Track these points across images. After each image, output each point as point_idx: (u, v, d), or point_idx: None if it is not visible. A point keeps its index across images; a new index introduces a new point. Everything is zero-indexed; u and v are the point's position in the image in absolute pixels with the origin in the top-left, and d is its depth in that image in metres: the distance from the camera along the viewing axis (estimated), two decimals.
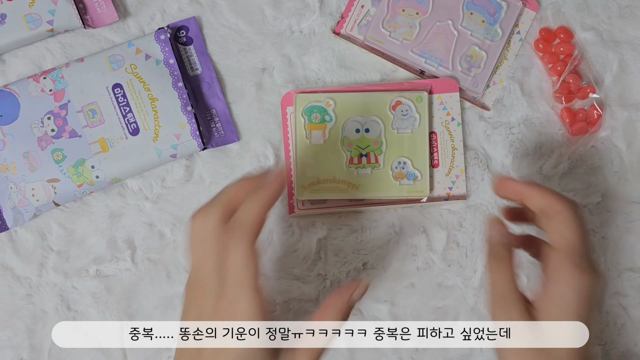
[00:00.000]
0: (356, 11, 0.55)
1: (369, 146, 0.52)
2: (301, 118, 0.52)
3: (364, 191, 0.52)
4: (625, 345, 0.55)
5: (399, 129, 0.52)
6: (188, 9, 0.54)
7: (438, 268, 0.55)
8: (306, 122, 0.52)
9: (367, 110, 0.52)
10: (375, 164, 0.52)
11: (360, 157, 0.52)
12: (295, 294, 0.54)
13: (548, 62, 0.56)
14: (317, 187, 0.52)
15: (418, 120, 0.52)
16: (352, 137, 0.52)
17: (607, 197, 0.56)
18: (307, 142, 0.52)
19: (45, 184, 0.50)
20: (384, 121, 0.52)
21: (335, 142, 0.52)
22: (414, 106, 0.52)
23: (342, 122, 0.52)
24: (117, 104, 0.51)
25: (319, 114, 0.52)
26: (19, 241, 0.52)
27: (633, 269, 0.56)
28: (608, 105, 0.56)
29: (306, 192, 0.52)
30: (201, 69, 0.54)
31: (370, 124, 0.52)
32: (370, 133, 0.52)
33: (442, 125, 0.53)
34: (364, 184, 0.52)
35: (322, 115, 0.52)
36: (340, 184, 0.52)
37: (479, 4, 0.54)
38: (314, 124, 0.52)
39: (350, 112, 0.52)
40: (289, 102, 0.53)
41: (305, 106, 0.52)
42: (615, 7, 0.57)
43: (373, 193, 0.52)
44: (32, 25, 0.51)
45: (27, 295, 0.52)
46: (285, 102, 0.53)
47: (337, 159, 0.52)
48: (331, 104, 0.52)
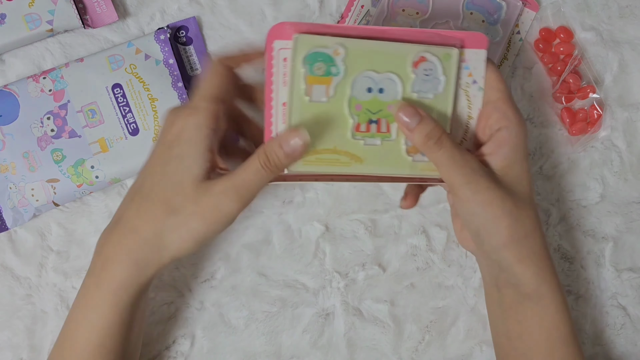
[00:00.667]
0: (356, 11, 0.55)
1: (381, 110, 0.42)
2: (301, 68, 0.40)
3: (370, 166, 0.43)
4: (625, 346, 0.55)
5: (419, 91, 0.42)
6: (188, 9, 0.54)
7: (438, 268, 0.55)
8: (307, 73, 0.41)
9: (384, 64, 0.42)
10: (387, 133, 0.42)
11: (369, 123, 0.42)
12: (296, 294, 0.54)
13: (548, 62, 0.56)
14: (313, 158, 0.42)
15: (443, 83, 0.43)
16: (362, 97, 0.42)
17: (607, 197, 0.56)
18: (306, 99, 0.41)
19: (45, 184, 0.50)
20: (403, 80, 0.42)
21: (340, 103, 0.42)
22: (441, 66, 0.42)
23: (352, 78, 0.41)
24: (117, 104, 0.51)
25: (323, 63, 0.41)
26: (18, 241, 0.52)
27: (633, 269, 0.56)
28: (608, 105, 0.56)
29: (299, 163, 0.41)
30: (201, 69, 0.54)
31: (385, 83, 0.42)
32: (384, 94, 0.42)
33: (461, 88, 0.44)
34: (370, 157, 0.43)
35: (327, 66, 0.41)
36: (342, 155, 0.42)
37: (479, 3, 0.54)
38: (317, 76, 0.41)
39: (363, 65, 0.41)
40: (280, 34, 0.40)
41: (307, 52, 0.40)
42: (616, 7, 0.57)
43: (380, 169, 0.43)
44: (32, 25, 0.51)
45: (27, 295, 0.52)
46: (275, 34, 0.40)
47: (340, 124, 0.42)
48: (340, 52, 0.41)
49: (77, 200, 0.53)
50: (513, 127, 0.42)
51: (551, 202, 0.56)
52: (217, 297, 0.53)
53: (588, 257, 0.56)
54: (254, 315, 0.53)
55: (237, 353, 0.53)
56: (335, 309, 0.54)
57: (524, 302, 0.43)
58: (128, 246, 0.41)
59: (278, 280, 0.54)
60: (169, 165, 0.41)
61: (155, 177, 0.42)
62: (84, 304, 0.43)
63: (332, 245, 0.54)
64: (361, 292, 0.54)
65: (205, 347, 0.53)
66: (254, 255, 0.54)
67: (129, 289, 0.42)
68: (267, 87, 0.41)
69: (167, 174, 0.41)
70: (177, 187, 0.41)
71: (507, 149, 0.42)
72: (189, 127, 0.40)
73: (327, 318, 0.54)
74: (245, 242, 0.54)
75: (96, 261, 0.43)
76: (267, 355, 0.53)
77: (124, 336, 0.43)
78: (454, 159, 0.40)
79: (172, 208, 0.41)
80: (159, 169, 0.41)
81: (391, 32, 0.42)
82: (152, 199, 0.41)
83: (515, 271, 0.42)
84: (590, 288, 0.56)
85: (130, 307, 0.43)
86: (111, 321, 0.42)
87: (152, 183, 0.42)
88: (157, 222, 0.41)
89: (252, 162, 0.40)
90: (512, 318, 0.44)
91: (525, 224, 0.42)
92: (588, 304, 0.55)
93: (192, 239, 0.41)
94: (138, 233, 0.41)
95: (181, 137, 0.41)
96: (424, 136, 0.41)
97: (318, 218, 0.54)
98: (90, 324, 0.42)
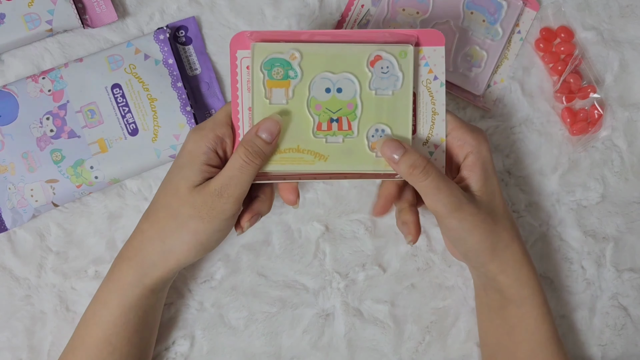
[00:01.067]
0: (356, 10, 0.55)
1: (341, 109, 0.44)
2: (260, 73, 0.43)
3: (334, 163, 0.44)
4: (626, 346, 0.55)
5: (377, 89, 0.44)
6: (187, 9, 0.54)
7: (438, 268, 0.54)
8: (266, 77, 0.43)
9: (340, 65, 0.44)
10: (348, 131, 0.44)
11: (330, 122, 0.44)
12: (296, 295, 0.53)
13: (549, 61, 0.55)
14: (277, 158, 0.44)
15: (401, 79, 0.44)
16: (321, 97, 0.44)
17: (608, 197, 0.56)
18: (267, 102, 0.44)
19: (44, 184, 0.50)
20: (360, 79, 0.44)
21: (300, 104, 0.44)
22: (397, 63, 0.44)
23: (310, 79, 0.44)
24: (116, 104, 0.50)
25: (281, 68, 0.43)
26: (17, 242, 0.52)
27: (633, 269, 0.56)
28: (609, 105, 0.56)
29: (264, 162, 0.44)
30: (200, 69, 0.54)
31: (343, 83, 0.44)
32: (343, 93, 0.44)
33: (422, 85, 0.45)
34: (334, 154, 0.44)
35: (285, 70, 0.44)
36: (306, 154, 0.44)
37: (480, 3, 0.54)
38: (275, 80, 0.44)
39: (319, 67, 0.44)
40: (241, 44, 0.44)
41: (265, 58, 0.43)
42: (616, 7, 0.57)
43: (344, 165, 0.45)
44: (31, 25, 0.51)
45: (26, 296, 0.52)
46: (236, 45, 0.44)
47: (302, 124, 0.44)
48: (297, 56, 0.43)
49: (76, 201, 0.53)
50: (475, 150, 0.45)
51: (552, 202, 0.55)
52: (217, 298, 0.53)
53: (589, 257, 0.56)
54: (254, 315, 0.53)
55: (237, 354, 0.53)
56: (336, 310, 0.54)
57: (508, 305, 0.47)
58: (135, 246, 0.45)
59: (278, 281, 0.53)
60: (171, 173, 0.45)
61: (161, 185, 0.45)
62: (97, 298, 0.46)
63: (332, 246, 0.54)
64: (361, 292, 0.54)
65: (205, 348, 0.53)
66: (254, 256, 0.53)
67: (135, 289, 0.44)
68: (233, 93, 0.44)
69: (169, 181, 0.44)
70: (175, 192, 0.43)
71: (478, 171, 0.44)
72: (190, 141, 0.44)
73: (327, 319, 0.53)
74: (245, 242, 0.54)
75: (115, 260, 0.46)
76: (267, 356, 0.53)
77: (129, 336, 0.45)
78: (439, 188, 0.42)
79: (172, 212, 0.43)
80: (165, 178, 0.45)
81: (345, 35, 0.44)
82: (156, 203, 0.45)
83: (499, 280, 0.46)
84: (590, 288, 0.55)
85: (136, 308, 0.45)
86: (117, 318, 0.44)
87: (159, 190, 0.45)
88: (160, 224, 0.44)
89: (235, 160, 0.42)
90: (498, 319, 0.48)
91: (504, 238, 0.45)
92: (588, 305, 0.55)
93: (193, 239, 0.43)
94: (144, 233, 0.44)
95: (184, 149, 0.44)
96: (409, 166, 0.42)
97: (318, 218, 0.54)
98: (99, 320, 0.45)
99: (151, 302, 0.46)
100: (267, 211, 0.47)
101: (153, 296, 0.46)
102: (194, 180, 0.43)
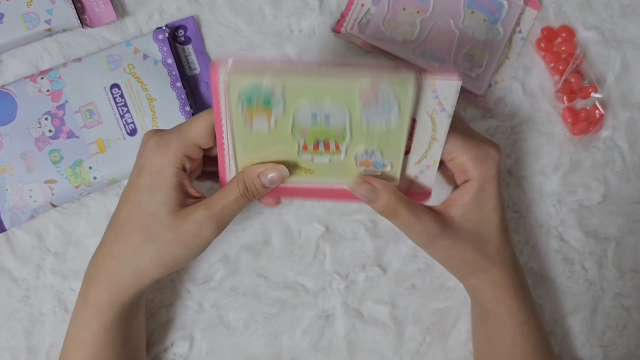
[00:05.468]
0: (356, 10, 0.55)
1: (328, 133, 0.41)
2: (237, 107, 0.39)
3: (320, 176, 0.43)
4: (627, 347, 0.55)
5: (369, 120, 0.40)
6: (186, 8, 0.54)
7: (439, 269, 0.54)
8: (245, 107, 0.39)
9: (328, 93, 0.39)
10: (336, 151, 0.41)
11: (316, 144, 0.41)
12: (295, 295, 0.53)
13: (550, 61, 0.55)
14: None
15: (396, 109, 0.40)
16: (305, 124, 0.40)
17: (609, 197, 0.56)
18: (247, 128, 0.40)
19: (43, 185, 0.50)
20: (350, 108, 0.39)
21: (283, 132, 0.40)
22: (393, 91, 0.39)
23: (293, 108, 0.39)
24: (115, 104, 0.50)
25: (261, 97, 0.39)
26: (16, 243, 0.52)
27: (635, 270, 0.56)
28: (610, 105, 0.56)
29: None
30: (200, 68, 0.53)
31: (331, 111, 0.39)
32: (330, 119, 0.40)
33: (426, 114, 0.41)
34: (320, 169, 0.42)
35: (265, 97, 0.39)
36: (292, 168, 0.43)
37: (480, 2, 0.54)
38: (256, 106, 0.39)
39: (304, 95, 0.39)
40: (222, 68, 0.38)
41: (240, 91, 0.38)
42: (617, 6, 0.57)
43: (330, 179, 0.43)
44: (30, 24, 0.50)
45: (25, 297, 0.52)
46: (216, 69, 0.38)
47: (286, 146, 0.41)
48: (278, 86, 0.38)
49: (75, 201, 0.52)
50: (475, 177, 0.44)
51: (553, 202, 0.55)
52: (216, 299, 0.53)
53: (590, 257, 0.55)
54: (254, 316, 0.53)
55: (237, 355, 0.53)
56: (336, 311, 0.53)
57: (488, 318, 0.49)
58: (107, 270, 0.43)
59: (278, 282, 0.53)
60: (141, 194, 0.42)
61: (129, 205, 0.42)
62: (76, 323, 0.45)
63: (332, 247, 0.54)
64: (361, 293, 0.54)
65: (204, 349, 0.52)
66: (254, 257, 0.53)
67: (114, 307, 0.44)
68: (216, 117, 0.40)
69: (140, 203, 0.42)
70: (152, 217, 0.41)
71: (467, 198, 0.44)
72: (155, 159, 0.41)
73: (327, 320, 0.53)
74: (245, 243, 0.53)
75: (84, 282, 0.45)
76: (266, 357, 0.53)
77: (117, 350, 0.45)
78: (411, 226, 0.43)
79: (149, 236, 0.42)
80: (132, 197, 0.42)
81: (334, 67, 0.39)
82: (128, 226, 0.42)
83: (476, 296, 0.49)
84: (592, 289, 0.55)
85: (119, 324, 0.44)
86: (102, 338, 0.44)
87: (127, 211, 0.42)
88: (135, 249, 0.42)
89: (232, 190, 0.41)
90: (481, 327, 0.50)
91: (482, 265, 0.46)
92: (590, 305, 0.55)
93: (171, 263, 0.43)
94: (117, 257, 0.43)
95: (150, 168, 0.41)
96: (383, 209, 0.43)
97: (318, 219, 0.54)
98: (83, 342, 0.44)
99: (131, 313, 0.45)
100: None
101: (133, 308, 0.45)
102: (173, 205, 0.41)
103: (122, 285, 0.43)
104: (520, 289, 0.48)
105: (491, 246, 0.46)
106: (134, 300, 0.45)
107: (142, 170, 0.41)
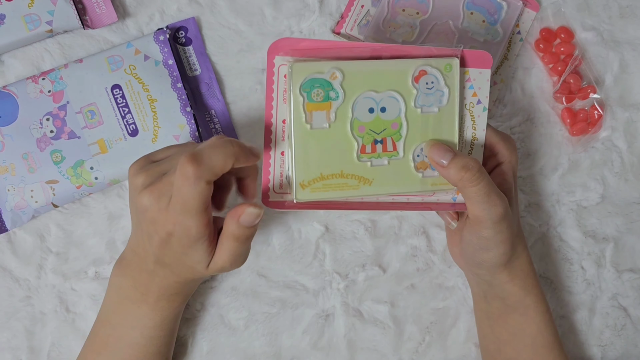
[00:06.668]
0: (356, 11, 0.55)
1: (385, 130, 0.42)
2: (299, 96, 0.40)
3: (380, 186, 0.42)
4: (625, 347, 0.55)
5: (423, 106, 0.42)
6: (187, 9, 0.54)
7: (438, 269, 0.54)
8: (305, 100, 0.40)
9: (383, 83, 0.41)
10: (393, 152, 0.42)
11: (374, 144, 0.42)
12: (295, 295, 0.53)
13: (549, 62, 0.55)
14: (320, 185, 0.42)
15: (447, 95, 0.42)
16: (364, 118, 0.41)
17: (608, 197, 0.56)
18: (307, 127, 0.41)
19: (44, 185, 0.50)
20: (404, 97, 0.42)
21: (343, 127, 0.41)
22: (442, 77, 0.42)
23: (352, 100, 0.41)
24: (116, 104, 0.50)
25: (321, 89, 0.41)
26: (17, 243, 0.52)
27: (633, 270, 0.56)
28: (609, 106, 0.56)
29: (307, 190, 0.41)
30: (200, 69, 0.54)
31: (387, 102, 0.42)
32: (387, 113, 0.42)
33: (465, 109, 0.43)
34: (379, 177, 0.42)
35: (325, 91, 0.41)
36: (350, 178, 0.42)
37: (479, 3, 0.54)
38: (316, 102, 0.41)
39: (362, 86, 0.41)
40: (279, 51, 0.40)
41: (304, 79, 0.40)
42: (616, 7, 0.57)
43: (390, 188, 0.43)
44: (31, 25, 0.51)
45: (26, 297, 0.52)
46: (274, 51, 0.40)
47: (345, 148, 0.42)
48: (338, 76, 0.40)
49: (76, 202, 0.53)
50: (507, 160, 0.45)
51: (552, 202, 0.55)
52: (217, 298, 0.53)
53: (589, 257, 0.56)
54: (254, 316, 0.53)
55: (237, 354, 0.53)
56: (336, 310, 0.53)
57: (511, 313, 0.47)
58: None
59: (278, 281, 0.53)
60: (180, 256, 0.40)
61: (170, 257, 0.41)
62: (121, 323, 0.46)
63: (332, 246, 0.54)
64: (361, 293, 0.54)
65: (204, 348, 0.53)
66: (254, 256, 0.53)
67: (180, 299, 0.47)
68: (268, 103, 0.41)
69: (180, 260, 0.41)
70: (192, 271, 0.42)
71: (509, 181, 0.45)
72: (180, 230, 0.38)
73: (327, 319, 0.53)
74: None
75: (127, 302, 0.46)
76: (267, 356, 0.53)
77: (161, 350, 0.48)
78: (489, 195, 0.41)
79: (186, 280, 0.44)
80: (170, 252, 0.40)
81: (386, 50, 0.41)
82: (172, 269, 0.42)
83: (505, 288, 0.47)
84: (590, 289, 0.55)
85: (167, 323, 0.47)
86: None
87: (171, 260, 0.41)
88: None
89: (234, 248, 0.41)
90: (499, 326, 0.49)
91: (517, 249, 0.46)
92: (588, 305, 0.55)
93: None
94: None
95: (180, 235, 0.39)
96: (460, 168, 0.40)
97: (318, 219, 0.54)
98: (131, 341, 0.46)
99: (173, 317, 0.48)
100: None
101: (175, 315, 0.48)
102: (206, 262, 0.41)
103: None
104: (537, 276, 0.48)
105: (520, 230, 0.46)
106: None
107: (172, 236, 0.39)
